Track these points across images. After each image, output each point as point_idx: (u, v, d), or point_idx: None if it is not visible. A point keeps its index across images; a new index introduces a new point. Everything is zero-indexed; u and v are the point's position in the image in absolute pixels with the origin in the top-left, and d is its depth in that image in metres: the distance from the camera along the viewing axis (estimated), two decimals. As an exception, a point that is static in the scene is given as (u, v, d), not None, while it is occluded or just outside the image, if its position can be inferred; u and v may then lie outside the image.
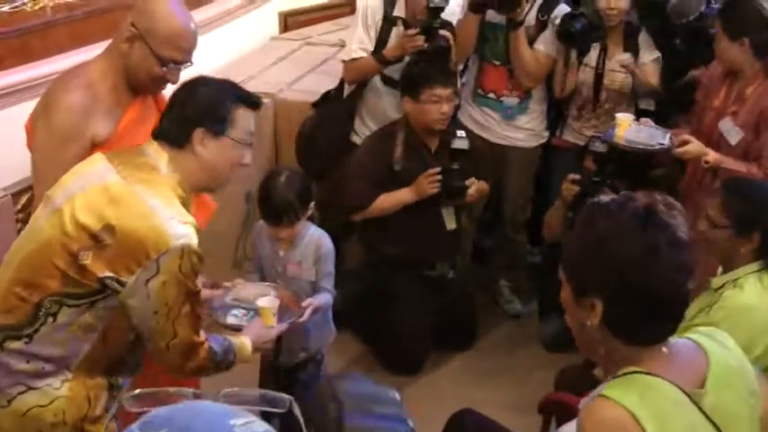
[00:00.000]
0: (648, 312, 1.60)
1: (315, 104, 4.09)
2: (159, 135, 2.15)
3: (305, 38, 5.32)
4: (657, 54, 3.80)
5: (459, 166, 3.51)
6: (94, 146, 2.42)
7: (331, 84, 4.10)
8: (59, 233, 2.02)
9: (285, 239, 2.95)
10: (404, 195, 3.60)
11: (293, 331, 2.80)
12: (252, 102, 2.23)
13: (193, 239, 2.02)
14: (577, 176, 3.36)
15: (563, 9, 3.76)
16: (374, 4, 3.76)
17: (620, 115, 3.48)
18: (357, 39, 3.77)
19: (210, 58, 4.01)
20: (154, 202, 2.01)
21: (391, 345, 3.75)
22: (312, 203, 2.94)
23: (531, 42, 3.79)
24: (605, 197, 1.68)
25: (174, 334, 2.06)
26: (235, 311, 2.65)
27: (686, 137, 3.27)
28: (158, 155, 2.12)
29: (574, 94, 3.87)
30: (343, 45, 4.99)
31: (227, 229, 3.95)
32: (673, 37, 3.82)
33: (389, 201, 3.62)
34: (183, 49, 2.46)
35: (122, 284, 1.98)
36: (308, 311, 2.74)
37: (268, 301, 2.59)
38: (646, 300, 1.58)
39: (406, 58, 3.68)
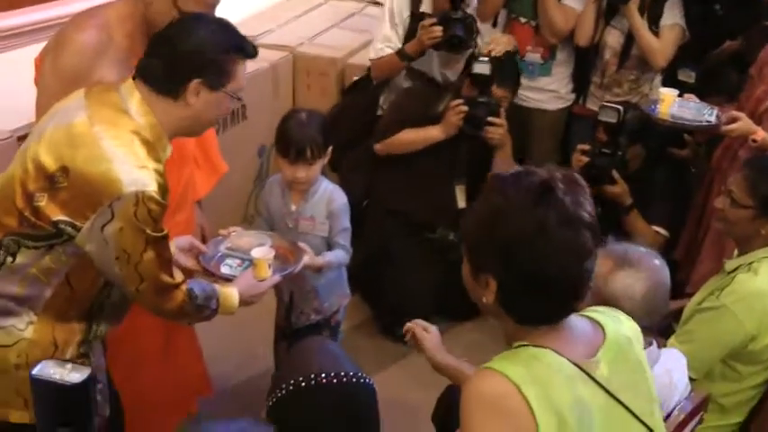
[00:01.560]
0: (538, 293, 1.53)
1: (345, 92, 4.06)
2: (140, 74, 2.05)
3: (333, -9, 5.22)
4: (676, 21, 3.63)
5: (484, 99, 3.40)
6: None
7: (353, 39, 4.02)
8: (21, 171, 1.97)
9: (302, 187, 2.85)
10: (431, 131, 3.52)
11: (299, 284, 2.74)
12: (251, 53, 2.11)
13: (150, 186, 1.91)
14: (587, 147, 3.25)
15: None
16: (400, 0, 3.68)
17: (663, 90, 3.35)
18: (383, 37, 3.70)
19: (232, 8, 3.93)
20: (110, 144, 1.92)
21: (391, 308, 3.68)
22: (330, 148, 2.85)
23: None
24: (508, 171, 1.61)
25: (141, 278, 1.98)
26: (229, 261, 2.54)
27: (735, 113, 3.12)
28: (130, 94, 2.02)
29: (596, 57, 3.76)
30: (371, 0, 4.91)
31: (239, 184, 3.91)
32: (713, 3, 3.66)
33: (415, 134, 3.54)
34: (206, 2, 2.35)
35: (77, 229, 1.92)
36: (302, 261, 2.58)
37: (263, 251, 2.48)
38: (534, 280, 1.51)
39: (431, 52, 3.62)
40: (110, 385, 2.26)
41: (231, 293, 2.26)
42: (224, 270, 2.49)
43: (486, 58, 3.39)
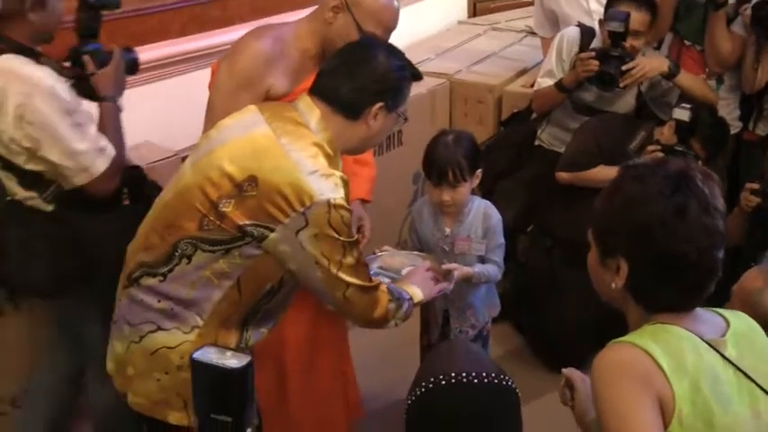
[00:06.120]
0: (672, 276, 1.57)
1: (503, 122, 4.06)
2: (321, 92, 2.11)
3: (492, 23, 5.23)
4: None
5: (682, 148, 3.22)
6: (268, 99, 2.43)
7: (510, 68, 3.98)
8: (202, 179, 2.02)
9: (450, 210, 2.82)
10: None
11: (455, 303, 2.77)
12: (420, 76, 2.26)
13: (338, 193, 1.97)
14: (756, 186, 3.05)
15: None
16: (571, 35, 3.63)
17: None
18: (546, 71, 3.67)
19: (394, 37, 4.00)
20: (298, 155, 1.98)
21: (552, 340, 3.59)
22: (479, 171, 2.81)
23: (727, 23, 3.53)
24: (641, 161, 1.69)
25: (347, 284, 2.04)
26: (381, 279, 2.56)
27: None
28: (310, 111, 2.09)
29: None
30: (529, 31, 4.88)
31: (394, 210, 3.93)
32: None
33: (608, 173, 3.30)
34: (386, 27, 2.47)
35: (271, 230, 1.96)
36: (454, 278, 2.59)
37: None
38: (669, 262, 1.56)
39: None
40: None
41: (407, 284, 2.32)
42: None
43: (688, 105, 3.23)
